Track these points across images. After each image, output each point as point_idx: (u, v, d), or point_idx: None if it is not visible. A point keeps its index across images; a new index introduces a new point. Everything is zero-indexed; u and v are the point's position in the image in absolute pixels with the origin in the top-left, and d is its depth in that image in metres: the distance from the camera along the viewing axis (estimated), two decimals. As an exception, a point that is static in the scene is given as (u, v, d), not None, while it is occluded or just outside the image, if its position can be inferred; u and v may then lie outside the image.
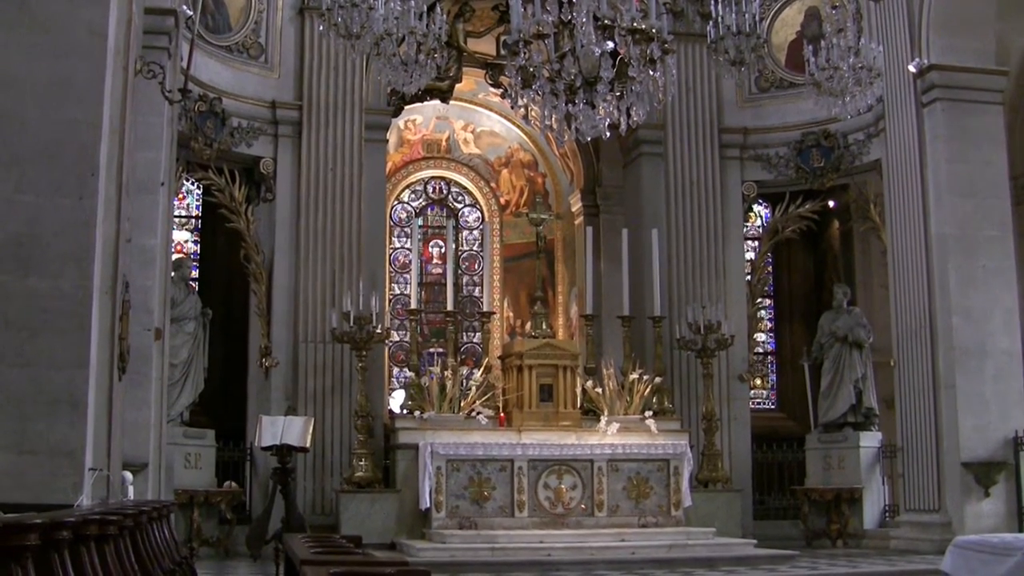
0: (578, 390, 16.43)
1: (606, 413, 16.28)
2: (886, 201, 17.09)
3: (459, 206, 24.06)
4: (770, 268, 20.37)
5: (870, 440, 17.58)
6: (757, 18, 12.34)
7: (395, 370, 22.21)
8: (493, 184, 23.97)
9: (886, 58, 15.15)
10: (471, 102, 22.61)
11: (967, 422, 15.43)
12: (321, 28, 13.52)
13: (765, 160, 18.80)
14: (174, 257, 15.80)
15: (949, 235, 15.78)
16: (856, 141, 17.95)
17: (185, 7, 13.30)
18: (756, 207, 20.05)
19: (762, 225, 20.34)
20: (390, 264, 22.44)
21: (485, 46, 19.59)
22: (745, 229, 19.66)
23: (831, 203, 19.19)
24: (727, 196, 18.76)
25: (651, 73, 9.82)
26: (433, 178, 24.06)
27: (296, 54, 17.62)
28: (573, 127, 10.03)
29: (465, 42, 19.31)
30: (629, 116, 10.00)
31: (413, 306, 17.49)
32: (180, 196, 17.78)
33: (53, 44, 7.21)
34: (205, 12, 16.20)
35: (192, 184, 18.17)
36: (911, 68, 16.11)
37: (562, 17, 9.76)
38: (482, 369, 17.27)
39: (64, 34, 7.24)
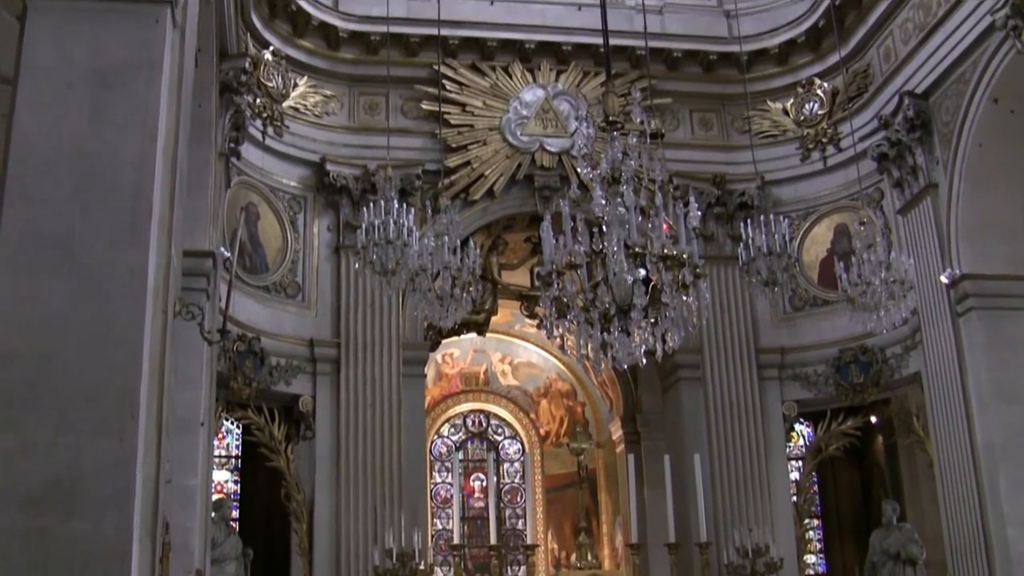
0: (628, 620, 16.04)
1: (658, 643, 15.85)
2: (929, 413, 16.92)
3: (499, 438, 23.97)
4: (816, 487, 20.01)
5: (930, 659, 16.97)
6: (787, 238, 12.47)
7: (440, 607, 21.76)
8: (532, 415, 23.93)
9: (918, 270, 15.26)
10: (507, 334, 22.78)
11: (1028, 635, 14.92)
12: (357, 266, 13.76)
13: (804, 379, 18.71)
14: (214, 497, 15.70)
15: (996, 443, 15.54)
16: (894, 355, 17.87)
17: (223, 249, 13.57)
18: (798, 426, 19.83)
19: (805, 444, 20.08)
20: (431, 499, 22.24)
21: (519, 277, 19.85)
22: (788, 449, 19.42)
23: (873, 418, 19.00)
24: (768, 417, 18.62)
25: (684, 298, 9.90)
26: (472, 411, 24.07)
27: (333, 292, 17.87)
28: (609, 355, 10.06)
29: (499, 274, 19.59)
30: (664, 342, 10.03)
31: (456, 541, 17.20)
32: (220, 436, 17.79)
33: (95, 287, 7.35)
34: (243, 253, 16.55)
35: (232, 423, 18.20)
36: (943, 279, 16.17)
37: (594, 247, 9.90)
38: (528, 603, 16.91)
39: (105, 277, 7.38)
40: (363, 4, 18.77)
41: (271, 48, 17.60)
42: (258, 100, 17.11)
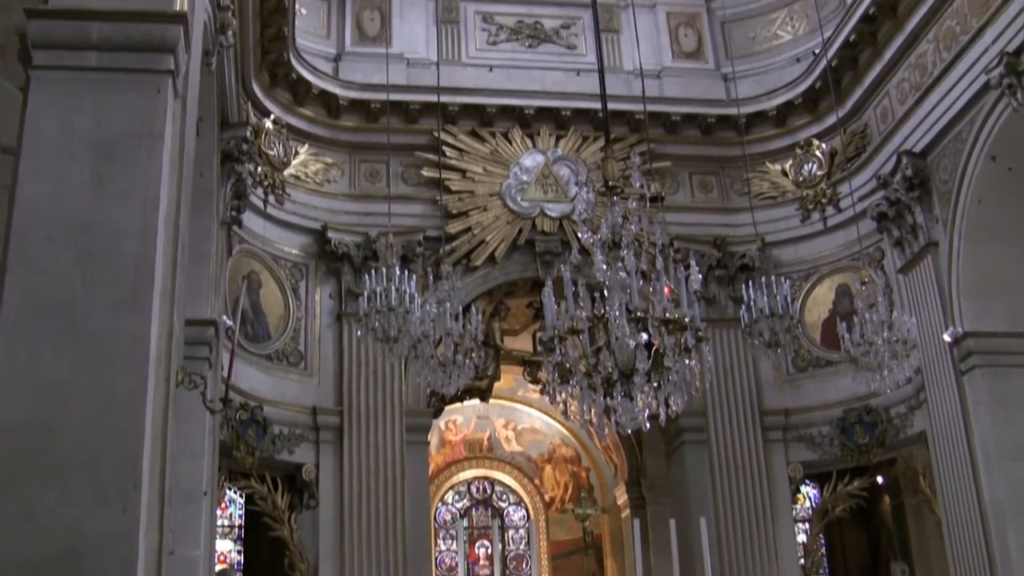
0: None
1: None
2: (935, 472, 16.83)
3: (503, 505, 23.87)
4: (823, 549, 19.86)
5: None
6: (789, 299, 12.49)
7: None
8: (537, 481, 23.84)
9: (920, 329, 15.23)
10: (511, 399, 22.75)
11: None
12: (359, 333, 13.78)
13: (809, 440, 18.63)
14: (217, 568, 15.61)
15: (1003, 501, 15.43)
16: (899, 414, 17.80)
17: (225, 317, 13.56)
18: (804, 488, 19.73)
19: (811, 506, 19.97)
20: (436, 567, 22.09)
21: (522, 343, 19.84)
22: (795, 511, 19.29)
23: (880, 479, 18.91)
24: (773, 479, 18.53)
25: (687, 362, 9.88)
26: (476, 478, 23.99)
27: (335, 359, 17.85)
28: (613, 420, 10.04)
29: (502, 340, 19.58)
30: (668, 406, 10.01)
31: (462, 608, 17.13)
32: (223, 505, 17.70)
33: (97, 356, 7.33)
34: (245, 322, 16.54)
35: (235, 493, 18.11)
36: (946, 337, 16.14)
37: (595, 311, 9.91)
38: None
39: (108, 346, 7.37)
40: (363, 72, 18.93)
41: (272, 117, 17.70)
42: (259, 168, 17.17)
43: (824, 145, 19.04)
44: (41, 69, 8.11)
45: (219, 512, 16.64)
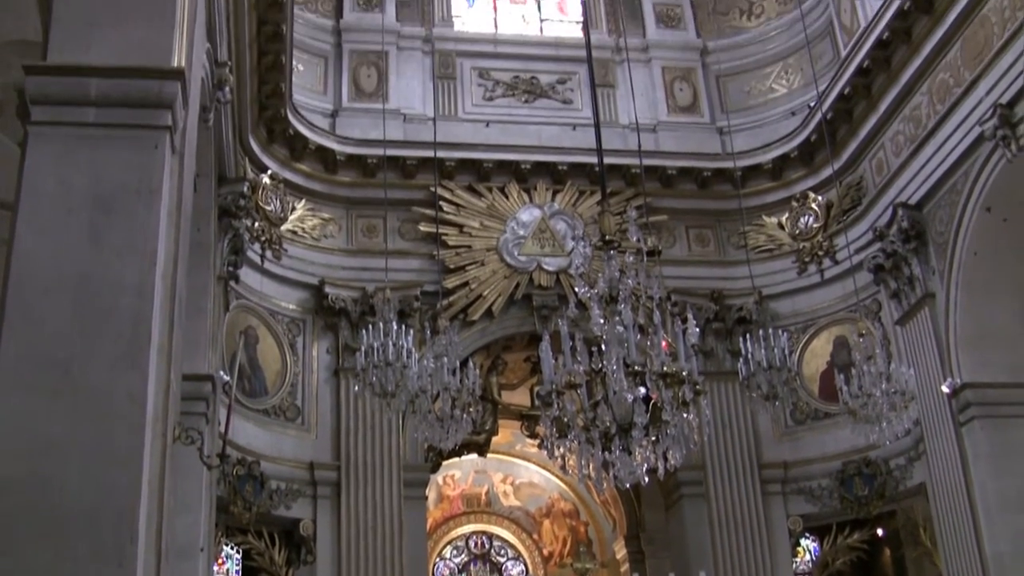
0: None
1: None
2: (935, 524, 16.74)
3: (502, 560, 23.75)
4: (824, 604, 19.77)
5: None
6: (786, 351, 12.52)
7: None
8: (535, 535, 23.73)
9: (918, 380, 15.21)
10: (509, 454, 22.69)
11: None
12: (356, 388, 13.77)
13: (808, 493, 18.55)
14: (215, 625, 15.48)
15: (1004, 553, 15.33)
16: (898, 466, 17.73)
17: (222, 372, 13.54)
18: (804, 541, 19.59)
19: (812, 559, 19.83)
20: (435, 623, 21.95)
21: (519, 397, 19.81)
22: (795, 564, 19.15)
23: (880, 531, 18.80)
24: (773, 532, 18.42)
25: (685, 415, 9.88)
26: (474, 533, 23.88)
27: (333, 415, 17.79)
28: (611, 474, 10.02)
29: (499, 395, 19.55)
30: (666, 460, 10.01)
31: (460, 665, 16.99)
32: (220, 561, 17.54)
33: (94, 411, 7.30)
34: (242, 377, 16.51)
35: (232, 548, 17.98)
36: (944, 388, 16.11)
37: (593, 366, 9.91)
38: None
39: (104, 401, 7.34)
40: (360, 128, 19.01)
41: (269, 172, 17.76)
42: (256, 224, 17.20)
43: (820, 198, 19.10)
44: (39, 125, 8.15)
45: (216, 568, 16.51)
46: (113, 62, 8.37)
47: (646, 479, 10.16)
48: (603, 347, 9.88)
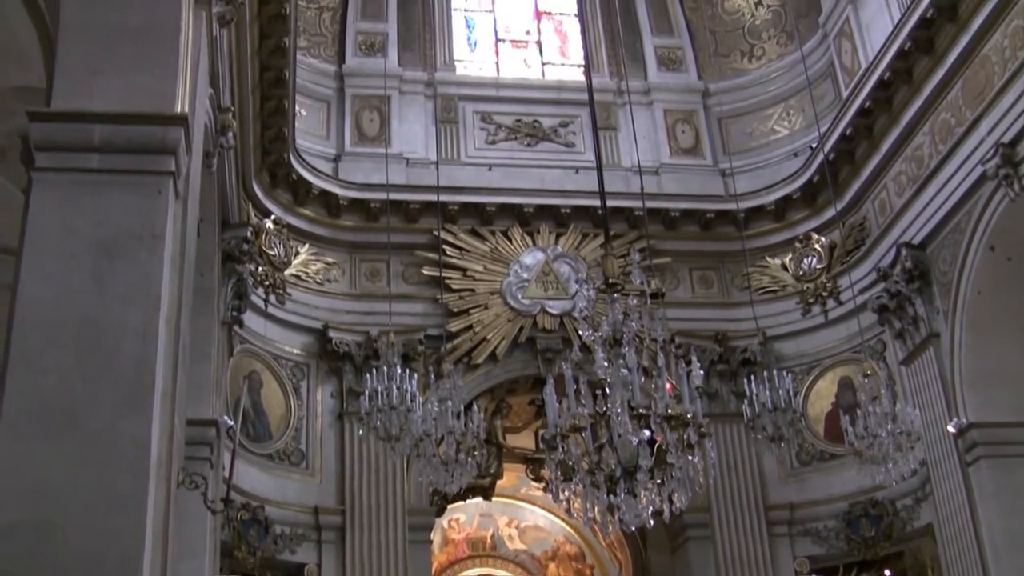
0: None
1: None
2: (944, 565, 16.61)
3: (508, 604, 23.58)
4: (833, 646, 19.62)
5: None
6: (791, 393, 12.49)
7: None
8: (541, 579, 23.59)
9: (924, 420, 15.19)
10: (513, 497, 22.60)
11: None
12: (361, 432, 13.75)
13: (815, 534, 18.45)
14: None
15: (1013, 593, 15.29)
16: (905, 507, 17.64)
17: (226, 417, 13.52)
18: (811, 583, 19.53)
19: (819, 602, 19.76)
20: (441, 669, 21.80)
21: (524, 440, 19.75)
22: (802, 607, 19.09)
23: (888, 572, 18.64)
24: (779, 574, 18.29)
25: (690, 458, 9.84)
26: (479, 577, 23.74)
27: (337, 459, 17.74)
28: (616, 517, 9.98)
29: (504, 438, 19.51)
30: (672, 502, 9.95)
31: None
32: (224, 607, 17.53)
33: (97, 456, 7.28)
34: (246, 421, 16.48)
35: (236, 594, 17.95)
36: (950, 428, 16.06)
37: (597, 409, 9.89)
38: None
39: (108, 447, 7.32)
40: (363, 172, 19.07)
41: (272, 217, 17.79)
42: (260, 268, 17.23)
43: (823, 239, 19.10)
44: (43, 171, 8.18)
45: (220, 614, 16.46)
46: (117, 108, 8.42)
47: (651, 522, 10.08)
48: (607, 390, 9.87)
